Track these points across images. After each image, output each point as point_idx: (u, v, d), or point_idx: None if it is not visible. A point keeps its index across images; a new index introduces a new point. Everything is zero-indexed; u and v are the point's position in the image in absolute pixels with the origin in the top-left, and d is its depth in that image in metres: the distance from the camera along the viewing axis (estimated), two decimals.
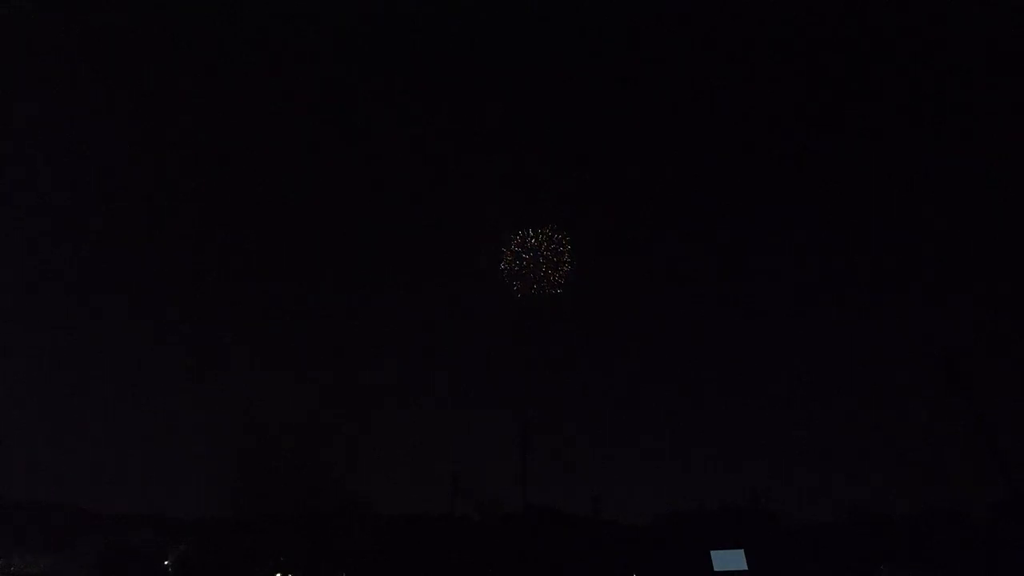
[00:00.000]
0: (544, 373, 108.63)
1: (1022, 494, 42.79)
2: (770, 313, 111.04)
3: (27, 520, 60.94)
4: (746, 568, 46.34)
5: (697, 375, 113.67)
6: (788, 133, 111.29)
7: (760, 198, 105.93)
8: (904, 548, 45.93)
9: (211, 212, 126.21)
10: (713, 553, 47.45)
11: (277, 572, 54.09)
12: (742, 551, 46.95)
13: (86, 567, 55.23)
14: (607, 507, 66.60)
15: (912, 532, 47.06)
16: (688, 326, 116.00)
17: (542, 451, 59.90)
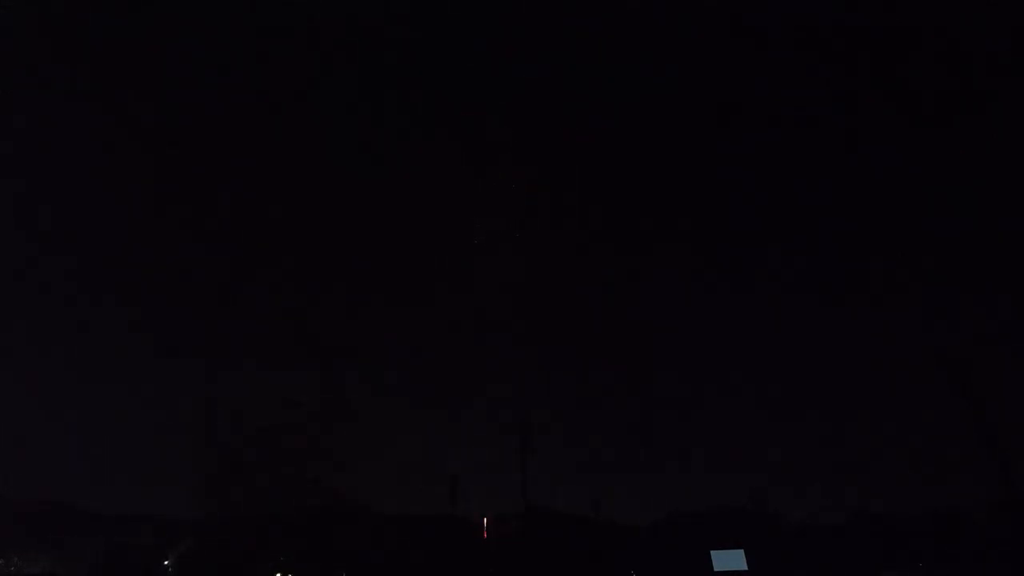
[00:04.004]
0: (544, 373, 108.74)
1: (1022, 494, 42.81)
2: (770, 313, 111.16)
3: (27, 520, 60.90)
4: (746, 568, 46.29)
5: (697, 375, 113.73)
6: (790, 132, 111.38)
7: (763, 198, 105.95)
8: (905, 549, 45.91)
9: (205, 212, 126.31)
10: (713, 553, 47.40)
11: (277, 572, 54.03)
12: (742, 551, 46.89)
13: (86, 567, 55.22)
14: (607, 507, 66.71)
15: (913, 533, 47.04)
16: (688, 327, 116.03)
17: (542, 451, 60.05)
